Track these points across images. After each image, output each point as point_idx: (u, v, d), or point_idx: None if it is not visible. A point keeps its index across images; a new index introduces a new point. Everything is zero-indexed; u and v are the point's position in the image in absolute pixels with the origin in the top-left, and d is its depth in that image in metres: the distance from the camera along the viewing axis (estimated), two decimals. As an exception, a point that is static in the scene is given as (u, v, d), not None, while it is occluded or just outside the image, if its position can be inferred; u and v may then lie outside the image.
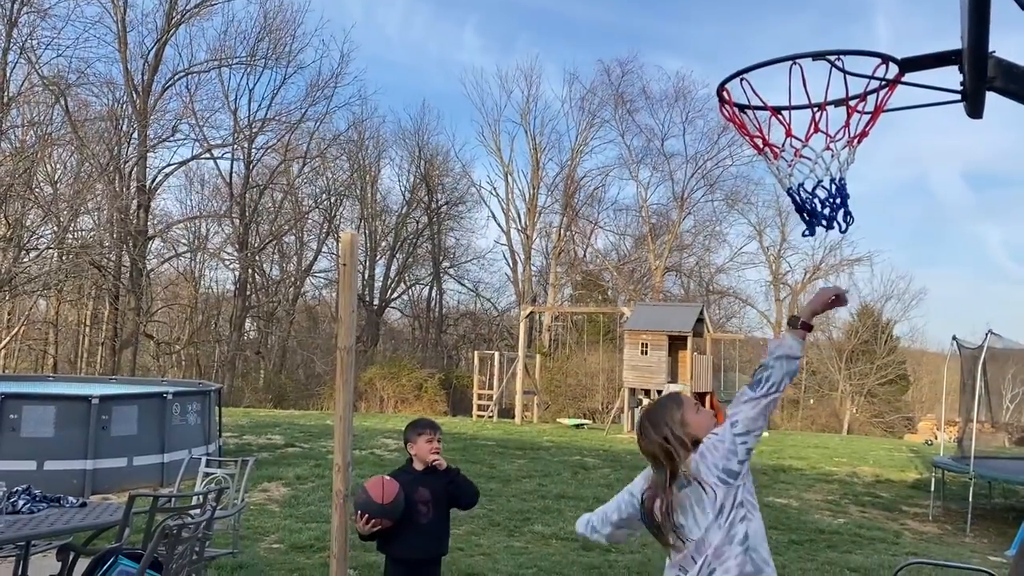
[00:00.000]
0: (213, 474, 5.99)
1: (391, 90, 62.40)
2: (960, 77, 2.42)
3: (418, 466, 4.05)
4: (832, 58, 2.25)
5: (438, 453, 4.04)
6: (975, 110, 2.42)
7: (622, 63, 40.86)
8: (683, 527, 2.47)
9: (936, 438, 26.22)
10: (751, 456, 2.45)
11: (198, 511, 4.57)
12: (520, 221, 42.58)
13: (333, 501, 5.93)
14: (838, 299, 2.51)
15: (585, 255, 43.98)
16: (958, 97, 2.46)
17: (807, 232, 2.63)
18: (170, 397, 10.75)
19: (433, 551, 4.08)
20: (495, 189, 43.13)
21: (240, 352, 36.20)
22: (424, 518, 3.95)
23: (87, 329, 34.20)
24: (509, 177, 42.52)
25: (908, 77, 2.40)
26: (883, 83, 2.35)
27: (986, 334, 11.65)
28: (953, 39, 2.39)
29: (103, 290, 31.57)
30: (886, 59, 2.34)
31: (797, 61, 2.28)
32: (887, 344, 37.61)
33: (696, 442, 2.51)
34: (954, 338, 13.02)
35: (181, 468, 6.37)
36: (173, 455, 10.42)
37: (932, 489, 12.16)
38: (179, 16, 31.42)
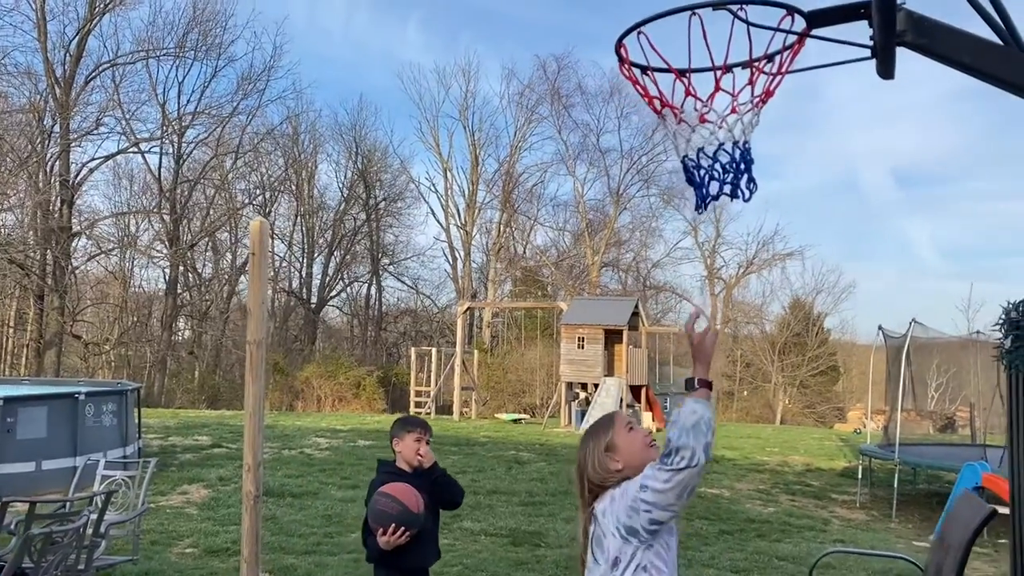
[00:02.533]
0: (112, 477, 5.65)
1: (328, 85, 61.30)
2: (870, 32, 2.30)
3: (403, 466, 3.74)
4: (735, 8, 2.11)
5: (422, 456, 3.74)
6: (886, 69, 2.30)
7: (558, 58, 40.91)
8: (589, 565, 2.23)
9: (864, 427, 26.87)
10: (662, 527, 2.11)
11: (83, 517, 4.25)
12: (459, 217, 42.34)
13: (244, 503, 5.66)
14: (704, 330, 2.24)
15: (524, 251, 43.97)
16: (868, 54, 2.33)
17: (699, 209, 2.46)
18: (83, 398, 10.26)
19: (436, 557, 3.80)
20: (434, 185, 42.81)
21: (172, 352, 35.19)
22: (428, 523, 3.68)
23: (10, 330, 32.81)
24: (448, 173, 42.25)
25: (817, 32, 2.26)
26: (789, 40, 2.22)
27: (910, 324, 11.87)
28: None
29: (27, 290, 30.32)
30: (792, 11, 2.20)
31: (697, 12, 2.13)
32: (818, 336, 38.41)
33: (621, 470, 2.24)
34: (880, 328, 13.26)
35: (76, 473, 6.02)
36: (86, 458, 9.93)
37: (860, 477, 12.35)
38: (103, 5, 30.30)
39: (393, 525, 3.38)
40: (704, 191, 2.37)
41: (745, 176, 2.33)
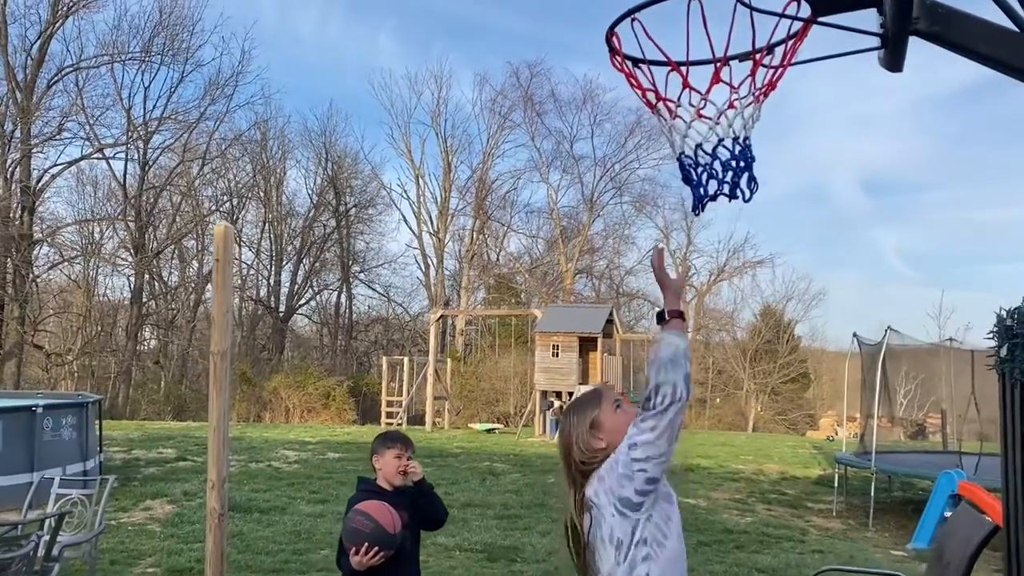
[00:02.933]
0: (67, 496, 5.36)
1: (299, 91, 60.93)
2: (876, 21, 2.15)
3: (384, 484, 3.53)
4: (737, -8, 1.94)
5: (405, 473, 3.52)
6: (895, 60, 2.15)
7: (531, 65, 40.90)
8: (593, 560, 2.10)
9: (837, 434, 26.98)
10: (656, 487, 2.02)
11: (32, 541, 3.98)
12: (432, 224, 42.07)
13: (208, 521, 5.39)
14: (661, 258, 2.13)
15: (498, 258, 43.79)
16: (876, 44, 2.17)
17: (696, 210, 2.28)
18: (40, 411, 9.87)
19: None
20: (406, 192, 42.51)
21: (137, 362, 34.47)
22: (408, 544, 3.47)
23: (-32, 341, 31.92)
24: (420, 180, 41.98)
25: (823, 21, 2.10)
26: (792, 30, 2.05)
27: (886, 331, 11.84)
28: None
29: (-14, 298, 29.54)
30: (797, -3, 2.04)
31: (696, -5, 1.95)
32: (789, 343, 38.63)
33: (605, 448, 2.12)
34: (855, 335, 13.24)
35: (30, 491, 5.71)
36: (44, 474, 9.55)
37: (836, 485, 12.30)
38: (66, 8, 29.70)
39: (366, 545, 3.18)
40: (702, 191, 2.19)
41: (745, 174, 2.16)
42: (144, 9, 42.31)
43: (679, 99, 2.18)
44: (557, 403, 22.68)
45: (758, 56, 2.10)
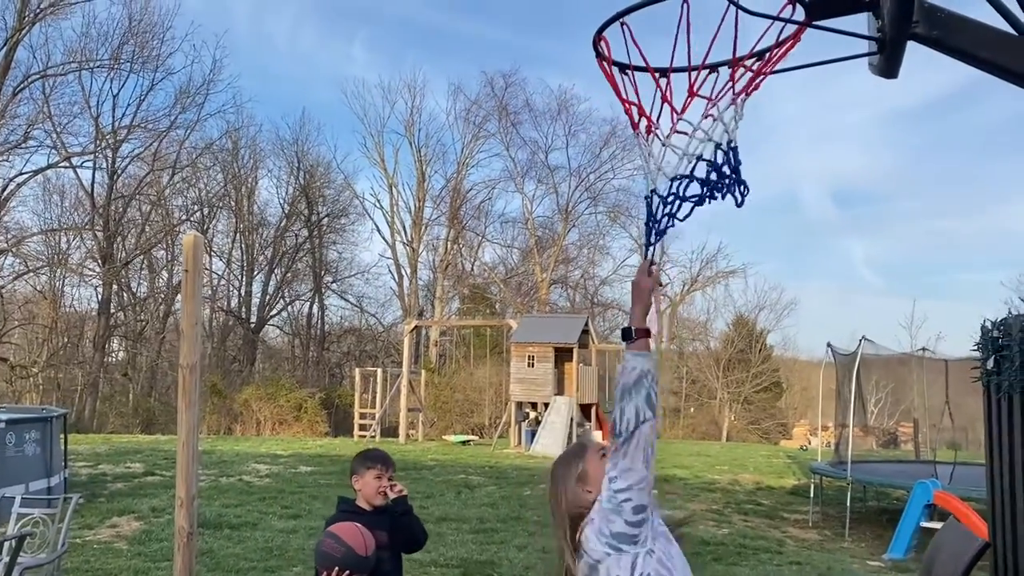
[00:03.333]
0: (29, 515, 5.16)
1: (271, 100, 60.54)
2: (871, 26, 2.08)
3: (363, 505, 3.44)
4: (730, -6, 1.86)
5: (385, 494, 3.41)
6: (891, 65, 2.09)
7: (505, 75, 40.96)
8: None
9: (810, 443, 27.13)
10: (648, 515, 1.97)
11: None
12: (406, 234, 41.87)
13: (176, 540, 5.22)
14: (656, 283, 2.08)
15: (472, 268, 43.67)
16: (871, 49, 2.11)
17: (650, 247, 2.19)
18: (3, 426, 9.59)
19: None
20: (379, 201, 42.27)
21: (105, 374, 33.86)
22: (387, 565, 3.34)
23: (-70, 353, 31.16)
24: (394, 189, 41.79)
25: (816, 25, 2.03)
26: (779, 34, 1.98)
27: (860, 341, 11.89)
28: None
29: (-52, 310, 28.88)
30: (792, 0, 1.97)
31: (687, -1, 1.88)
32: (761, 353, 38.89)
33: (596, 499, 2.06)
34: (828, 345, 13.29)
35: (-11, 510, 5.49)
36: (6, 491, 9.26)
37: (812, 495, 12.31)
38: (32, 15, 29.21)
39: (337, 568, 3.06)
40: (655, 231, 2.12)
41: (733, 179, 2.08)
42: (113, 16, 41.71)
43: (659, 117, 2.11)
44: (533, 414, 22.57)
45: (746, 65, 2.03)
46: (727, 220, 54.41)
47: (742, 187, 2.10)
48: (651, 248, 2.19)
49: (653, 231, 2.11)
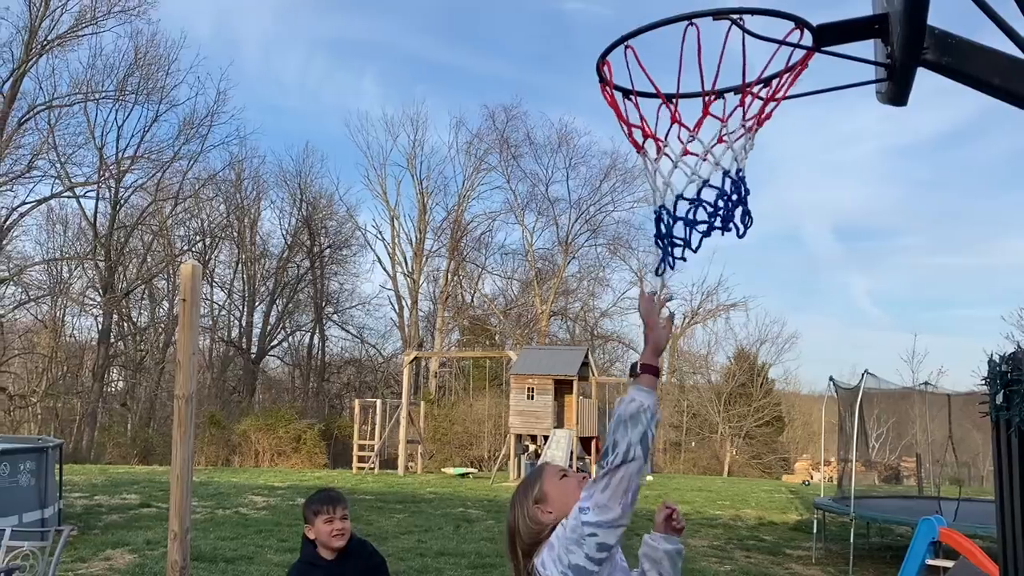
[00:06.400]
0: (19, 548, 5.07)
1: (275, 132, 60.92)
2: (879, 52, 2.06)
3: (326, 554, 3.25)
4: (736, 17, 1.85)
5: (343, 535, 3.24)
6: (900, 93, 2.06)
7: (507, 108, 41.25)
8: None
9: (812, 478, 26.89)
10: (612, 552, 1.88)
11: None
12: (407, 265, 41.90)
13: (168, 574, 5.12)
14: (668, 318, 2.03)
15: (472, 300, 43.65)
16: (880, 76, 2.09)
17: (660, 271, 2.17)
18: (-3, 456, 9.50)
19: None
20: (380, 233, 42.38)
21: (104, 404, 33.68)
22: None
23: (-72, 381, 31.02)
24: (395, 221, 41.93)
25: (824, 51, 2.01)
26: (791, 60, 1.96)
27: (863, 375, 11.81)
28: (861, 6, 2.04)
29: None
30: (801, 24, 1.96)
31: (694, 22, 1.86)
32: (763, 387, 38.67)
33: (555, 519, 1.99)
34: (831, 379, 13.21)
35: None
36: (0, 522, 9.15)
37: (815, 531, 12.14)
38: (40, 47, 29.51)
39: None
40: (672, 249, 2.09)
41: (739, 208, 2.05)
42: (119, 48, 42.16)
43: (667, 136, 2.09)
44: (532, 447, 22.39)
45: (753, 88, 2.01)
46: (728, 253, 54.48)
47: (747, 217, 2.07)
48: (664, 264, 2.15)
49: (666, 246, 2.07)
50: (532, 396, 22.03)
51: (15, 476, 9.78)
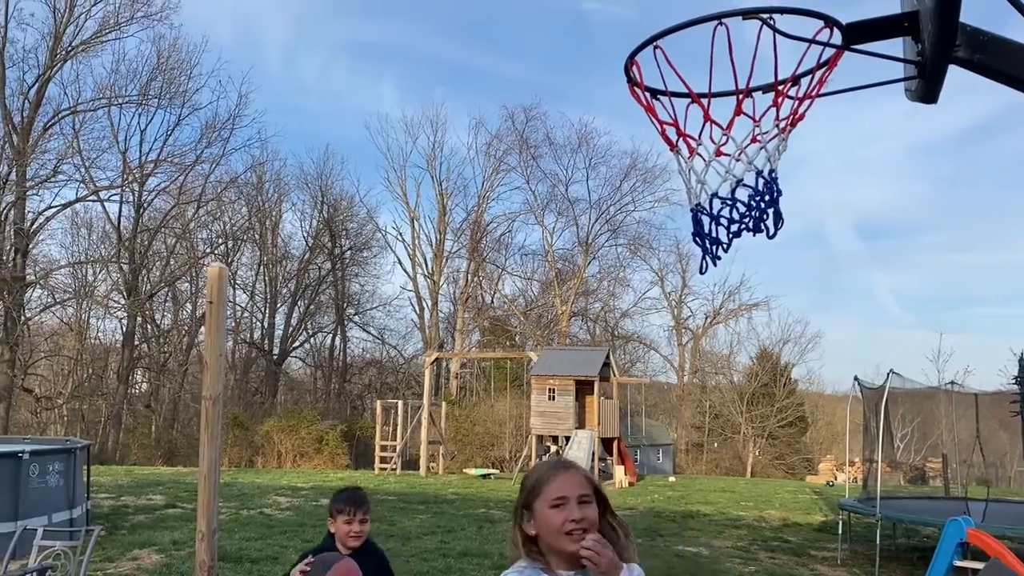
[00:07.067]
0: (50, 548, 5.14)
1: (295, 135, 61.38)
2: (909, 50, 2.04)
3: (342, 549, 3.31)
4: (765, 16, 1.84)
5: (359, 538, 3.28)
6: (931, 90, 2.05)
7: (526, 109, 41.32)
8: None
9: (836, 479, 26.67)
10: None
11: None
12: (427, 267, 42.06)
13: (196, 574, 5.16)
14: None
15: (492, 300, 43.71)
16: (911, 73, 2.07)
17: (703, 268, 2.16)
18: (27, 457, 9.62)
19: None
20: (401, 234, 42.57)
21: (128, 406, 34.07)
22: None
23: (-42, 384, 31.48)
24: (415, 223, 42.09)
25: (854, 49, 2.00)
26: (822, 58, 1.95)
27: (888, 374, 11.69)
28: (887, 4, 2.02)
29: (-24, 342, 29.21)
30: (830, 23, 1.95)
31: (724, 21, 1.86)
32: (786, 387, 38.41)
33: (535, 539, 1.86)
34: (856, 378, 13.08)
35: (12, 541, 5.48)
36: (29, 522, 9.27)
37: (840, 532, 12.03)
38: (64, 53, 29.90)
39: None
40: (712, 247, 2.08)
41: (771, 210, 2.04)
42: (142, 53, 42.79)
43: (699, 135, 2.08)
44: (554, 448, 22.37)
45: (783, 87, 2.00)
46: (750, 252, 54.21)
47: (778, 218, 2.06)
48: (705, 262, 2.15)
49: (707, 244, 2.07)
50: (553, 397, 22.01)
51: (44, 477, 9.91)
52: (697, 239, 2.16)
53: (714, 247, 2.13)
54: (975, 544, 9.14)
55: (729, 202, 2.09)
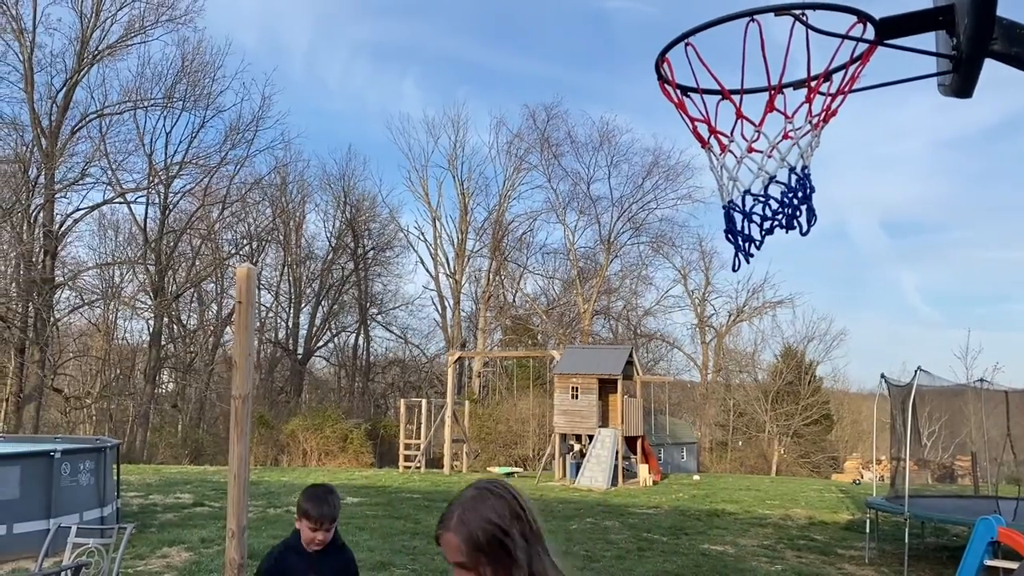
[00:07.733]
0: (84, 545, 5.22)
1: (319, 137, 61.73)
2: (943, 44, 2.03)
3: (307, 548, 3.33)
4: (798, 12, 1.84)
5: (322, 544, 3.26)
6: (966, 84, 2.03)
7: (547, 108, 41.30)
8: None
9: (863, 477, 26.42)
10: None
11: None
12: (449, 266, 42.16)
13: (226, 572, 5.22)
14: None
15: (514, 299, 43.74)
16: (945, 67, 2.05)
17: (736, 265, 2.16)
18: (59, 456, 9.77)
19: None
20: (423, 234, 42.74)
21: (155, 405, 34.47)
22: None
23: (-10, 384, 32.02)
24: (437, 222, 42.22)
25: (887, 44, 1.98)
26: (855, 53, 1.94)
27: (915, 371, 11.57)
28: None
29: (7, 342, 29.66)
30: (863, 18, 1.94)
31: (755, 18, 1.86)
32: (811, 385, 38.09)
33: None
34: (883, 376, 12.96)
35: (47, 538, 5.57)
36: (61, 520, 9.42)
37: (867, 531, 11.93)
38: (91, 57, 30.29)
39: None
40: (745, 244, 2.07)
41: (804, 207, 2.04)
42: (167, 56, 43.23)
43: (731, 132, 2.08)
44: (577, 446, 22.35)
45: (815, 83, 2.00)
46: (774, 250, 53.77)
47: (812, 215, 2.06)
48: (738, 259, 2.15)
49: (739, 239, 2.07)
50: (576, 395, 21.98)
51: (75, 475, 10.06)
52: (730, 236, 2.16)
53: (747, 244, 2.13)
54: (1006, 543, 9.02)
55: (762, 199, 2.09)
